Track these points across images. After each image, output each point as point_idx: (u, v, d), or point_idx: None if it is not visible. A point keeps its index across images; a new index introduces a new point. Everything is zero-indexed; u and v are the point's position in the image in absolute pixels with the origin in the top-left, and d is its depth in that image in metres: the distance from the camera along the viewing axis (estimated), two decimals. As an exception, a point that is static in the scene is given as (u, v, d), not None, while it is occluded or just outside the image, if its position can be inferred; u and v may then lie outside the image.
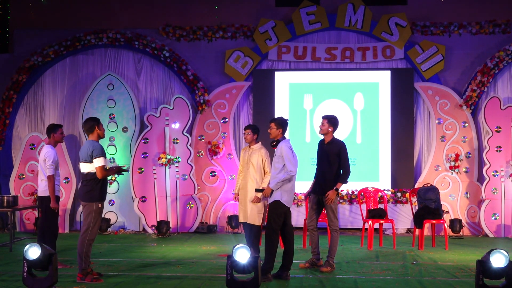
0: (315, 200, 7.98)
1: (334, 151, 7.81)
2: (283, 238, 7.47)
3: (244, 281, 6.03)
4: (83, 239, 6.93)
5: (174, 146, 11.87)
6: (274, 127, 7.54)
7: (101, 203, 7.05)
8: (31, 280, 6.08)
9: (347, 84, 12.32)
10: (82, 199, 7.13)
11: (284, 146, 7.35)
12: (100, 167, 6.94)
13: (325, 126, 7.86)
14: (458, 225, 11.31)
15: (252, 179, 8.18)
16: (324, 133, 7.93)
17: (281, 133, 7.53)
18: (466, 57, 12.20)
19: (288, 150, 7.32)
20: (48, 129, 8.27)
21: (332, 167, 7.83)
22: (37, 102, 12.60)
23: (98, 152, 6.98)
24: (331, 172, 7.84)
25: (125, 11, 12.83)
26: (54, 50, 12.33)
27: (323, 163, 7.91)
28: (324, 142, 7.96)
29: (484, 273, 5.84)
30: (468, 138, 11.90)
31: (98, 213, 7.03)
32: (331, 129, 7.86)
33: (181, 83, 12.44)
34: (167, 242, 10.52)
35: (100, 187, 7.03)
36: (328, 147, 7.87)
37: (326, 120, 7.89)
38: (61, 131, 8.26)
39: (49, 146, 8.11)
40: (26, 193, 11.75)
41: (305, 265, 7.91)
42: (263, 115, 12.24)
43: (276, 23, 12.31)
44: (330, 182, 7.81)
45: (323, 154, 7.93)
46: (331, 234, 7.89)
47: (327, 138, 7.91)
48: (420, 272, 7.68)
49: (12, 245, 9.37)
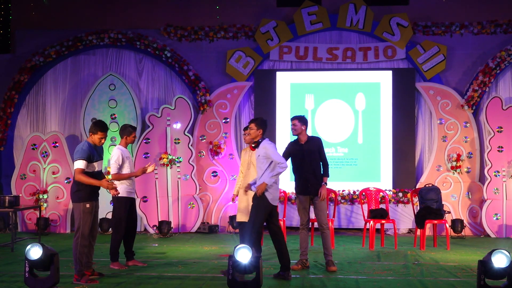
0: (307, 200, 7.92)
1: (315, 149, 7.82)
2: (273, 239, 7.37)
3: (245, 281, 6.03)
4: (76, 242, 6.88)
5: (176, 146, 11.88)
6: (254, 127, 7.40)
7: (90, 203, 6.93)
8: (32, 280, 6.08)
9: (349, 84, 12.31)
10: (71, 199, 7.05)
11: (267, 144, 7.26)
12: (78, 169, 6.85)
13: (297, 126, 7.80)
14: (460, 225, 11.30)
15: (253, 179, 8.17)
16: (298, 133, 7.85)
17: (261, 133, 7.40)
18: (468, 57, 12.20)
19: (273, 147, 7.26)
20: (121, 130, 8.30)
21: (319, 164, 7.86)
22: (38, 102, 12.62)
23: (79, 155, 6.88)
24: (319, 169, 7.86)
25: (126, 11, 12.84)
26: (55, 50, 12.34)
27: (310, 163, 7.82)
28: (300, 142, 7.89)
29: (485, 273, 5.83)
30: (469, 138, 11.89)
31: (87, 213, 6.92)
32: (304, 127, 7.81)
33: (182, 83, 12.45)
34: (168, 242, 10.53)
35: (88, 187, 6.92)
36: (308, 145, 7.84)
37: (296, 120, 7.84)
38: (134, 134, 8.29)
39: (118, 147, 8.10)
40: (27, 193, 11.76)
41: (298, 267, 7.78)
42: (264, 116, 12.16)
43: (277, 23, 12.31)
44: (320, 180, 7.84)
45: (305, 154, 7.83)
46: (325, 233, 7.81)
47: (303, 138, 7.86)
48: (421, 272, 7.67)
49: (13, 245, 9.37)
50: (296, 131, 7.86)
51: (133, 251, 8.19)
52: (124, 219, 7.97)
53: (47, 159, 11.84)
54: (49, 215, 11.74)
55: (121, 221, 7.96)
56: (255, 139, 7.43)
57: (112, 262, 7.91)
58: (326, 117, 12.25)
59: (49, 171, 11.84)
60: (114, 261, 7.91)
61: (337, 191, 10.87)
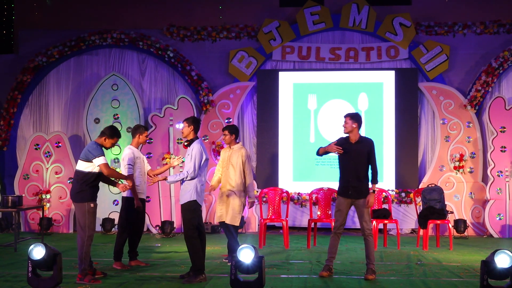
0: (348, 204, 7.40)
1: (364, 150, 7.33)
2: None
3: (248, 281, 6.03)
4: (81, 241, 6.90)
5: (178, 146, 11.89)
6: (186, 125, 7.31)
7: (93, 203, 6.97)
8: (35, 280, 6.09)
9: (351, 84, 12.31)
10: (74, 199, 7.05)
11: (195, 147, 7.11)
12: (104, 164, 6.91)
13: (348, 123, 7.37)
14: (463, 225, 11.29)
15: (231, 179, 8.20)
16: (348, 131, 7.40)
17: (192, 130, 7.25)
18: (471, 57, 12.19)
19: (198, 152, 7.08)
20: (134, 129, 8.31)
21: (366, 167, 7.36)
22: (41, 103, 12.64)
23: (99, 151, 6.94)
24: (366, 173, 7.38)
25: (129, 12, 12.86)
26: (58, 50, 12.35)
27: (355, 164, 7.32)
28: (350, 140, 7.42)
29: (488, 273, 5.83)
30: (472, 138, 11.88)
31: (91, 213, 6.95)
32: (355, 125, 7.35)
33: (185, 83, 12.46)
34: (171, 242, 10.53)
35: (90, 187, 6.96)
36: (357, 146, 7.35)
37: (348, 118, 7.40)
38: (146, 134, 8.29)
39: (129, 147, 8.12)
40: (30, 193, 11.77)
41: (327, 274, 7.34)
42: (267, 115, 12.26)
43: (280, 23, 12.31)
44: (365, 185, 7.36)
45: (352, 154, 7.33)
46: (367, 240, 7.34)
47: (354, 137, 7.39)
48: (424, 273, 7.66)
49: (16, 245, 9.38)
50: (346, 129, 7.41)
51: (136, 251, 8.20)
52: (130, 220, 7.99)
53: (50, 159, 11.86)
54: (52, 215, 11.76)
55: (128, 221, 7.98)
56: (187, 137, 7.30)
57: (115, 261, 7.92)
58: (328, 117, 12.24)
59: (52, 171, 11.85)
60: (117, 260, 7.92)
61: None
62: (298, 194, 11.88)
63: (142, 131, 8.23)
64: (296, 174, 12.22)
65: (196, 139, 7.27)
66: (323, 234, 11.20)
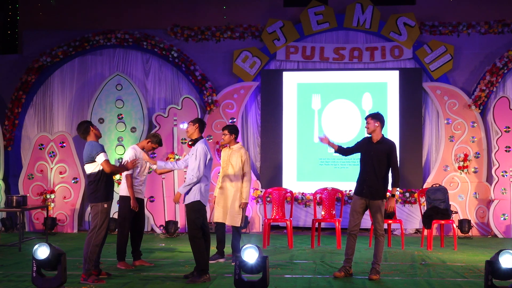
0: (363, 204, 7.36)
1: (383, 151, 7.26)
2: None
3: (252, 281, 6.04)
4: (89, 240, 6.93)
5: (182, 146, 11.89)
6: (191, 124, 7.35)
7: (107, 203, 7.02)
8: (40, 280, 6.11)
9: (355, 84, 12.30)
10: (89, 200, 7.21)
11: (200, 147, 7.13)
12: (105, 161, 6.94)
13: (370, 123, 7.31)
14: (467, 225, 11.27)
15: (230, 179, 8.19)
16: (371, 131, 7.34)
17: (197, 129, 7.26)
18: (475, 57, 12.16)
19: (202, 152, 7.09)
20: (152, 135, 8.36)
21: (385, 169, 7.26)
22: (46, 103, 12.66)
23: (98, 149, 6.98)
24: (384, 175, 7.28)
25: (133, 12, 12.87)
26: (62, 50, 12.38)
27: (373, 165, 7.25)
28: (372, 140, 7.36)
29: (493, 273, 5.82)
30: (477, 138, 11.85)
31: (105, 213, 7.00)
32: (377, 123, 7.31)
33: (189, 83, 12.47)
34: (175, 242, 10.54)
35: (104, 187, 7.01)
36: (377, 146, 7.30)
37: (369, 118, 7.35)
38: (156, 146, 8.32)
39: (133, 147, 8.17)
40: (35, 193, 11.80)
41: (341, 274, 7.28)
42: (271, 115, 12.26)
43: (284, 23, 12.31)
44: (382, 186, 7.27)
45: (372, 154, 7.28)
46: (378, 240, 7.34)
47: (376, 137, 7.33)
48: (428, 273, 7.66)
49: (21, 245, 9.41)
50: (369, 129, 7.35)
51: (140, 251, 8.22)
52: (129, 219, 8.01)
53: (55, 159, 11.88)
54: (56, 215, 11.78)
55: (126, 221, 8.00)
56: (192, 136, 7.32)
57: (118, 261, 7.93)
58: (332, 117, 12.23)
59: (56, 171, 11.87)
60: (120, 260, 7.93)
61: (343, 191, 10.83)
62: (302, 194, 11.87)
63: (154, 141, 8.23)
64: (300, 174, 12.21)
65: (201, 139, 7.27)
66: (327, 234, 11.20)
